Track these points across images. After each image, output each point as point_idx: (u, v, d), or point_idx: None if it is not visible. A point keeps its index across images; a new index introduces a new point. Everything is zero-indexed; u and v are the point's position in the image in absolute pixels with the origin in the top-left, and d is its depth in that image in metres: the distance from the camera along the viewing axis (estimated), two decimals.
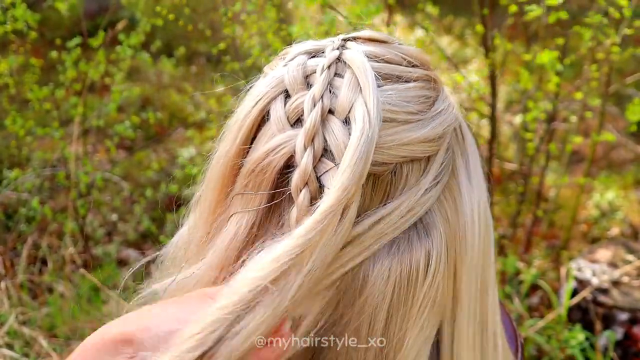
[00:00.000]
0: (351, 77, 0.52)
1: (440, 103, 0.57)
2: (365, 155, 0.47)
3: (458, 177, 0.58)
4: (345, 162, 0.47)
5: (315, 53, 0.57)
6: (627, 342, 2.15)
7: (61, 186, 2.70)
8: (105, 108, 2.55)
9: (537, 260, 2.67)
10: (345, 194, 0.46)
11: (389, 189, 0.53)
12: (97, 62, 2.43)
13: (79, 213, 2.55)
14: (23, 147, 2.98)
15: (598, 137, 2.26)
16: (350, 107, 0.51)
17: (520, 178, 2.62)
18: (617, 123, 3.75)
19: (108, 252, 2.74)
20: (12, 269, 2.38)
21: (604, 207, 3.18)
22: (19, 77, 2.38)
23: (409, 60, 0.57)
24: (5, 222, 2.70)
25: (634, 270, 2.31)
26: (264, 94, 0.55)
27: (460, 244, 0.56)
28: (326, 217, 0.45)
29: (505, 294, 2.34)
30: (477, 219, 0.58)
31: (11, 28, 2.12)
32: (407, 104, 0.54)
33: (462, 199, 0.57)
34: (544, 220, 2.95)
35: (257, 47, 1.79)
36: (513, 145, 3.51)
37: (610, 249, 2.45)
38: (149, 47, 2.75)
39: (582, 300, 2.23)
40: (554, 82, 2.03)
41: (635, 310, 2.16)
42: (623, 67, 3.67)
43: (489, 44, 2.17)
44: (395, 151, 0.52)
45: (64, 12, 2.29)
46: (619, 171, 3.65)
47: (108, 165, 3.36)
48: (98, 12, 4.51)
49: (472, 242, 0.57)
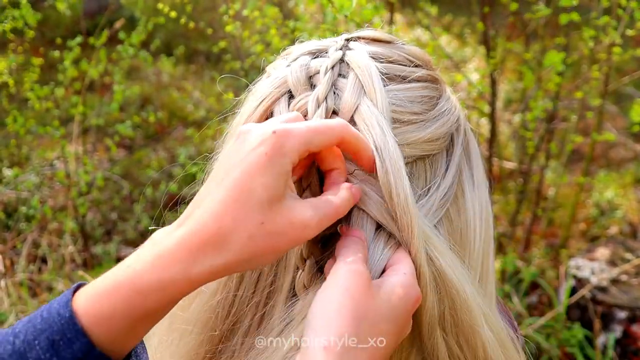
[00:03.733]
0: (355, 78, 0.53)
1: (444, 103, 0.58)
2: (394, 151, 0.49)
3: (461, 176, 0.58)
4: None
5: (318, 53, 0.57)
6: (626, 340, 2.16)
7: (61, 185, 2.70)
8: (106, 107, 2.55)
9: (537, 259, 2.68)
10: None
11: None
12: (97, 61, 2.43)
13: (78, 212, 2.55)
14: (23, 146, 2.98)
15: (598, 136, 2.26)
16: (354, 108, 0.51)
17: (520, 177, 2.63)
18: (616, 122, 3.75)
19: (107, 251, 2.74)
20: (12, 267, 2.38)
21: (603, 205, 3.18)
22: (19, 76, 2.38)
23: (413, 61, 0.57)
24: (5, 221, 2.70)
25: (633, 269, 2.31)
26: (267, 95, 0.55)
27: (461, 243, 0.57)
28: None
29: (505, 292, 2.34)
30: (478, 218, 0.58)
31: (10, 27, 2.11)
32: (411, 104, 0.54)
33: (465, 199, 0.57)
34: (543, 218, 2.95)
35: (258, 44, 1.79)
36: (512, 144, 3.51)
37: (609, 248, 2.46)
38: (148, 46, 2.75)
39: (581, 298, 2.23)
40: (555, 81, 2.04)
41: (634, 308, 2.16)
42: (622, 66, 3.68)
43: (489, 42, 2.17)
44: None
45: (64, 12, 2.29)
46: (618, 170, 3.65)
47: (108, 164, 3.36)
48: (98, 11, 4.50)
49: (472, 241, 0.58)
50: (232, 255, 0.43)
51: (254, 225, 0.43)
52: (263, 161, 0.44)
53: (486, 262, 0.61)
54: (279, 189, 0.44)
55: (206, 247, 0.43)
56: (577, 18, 1.73)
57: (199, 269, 0.43)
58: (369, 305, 0.44)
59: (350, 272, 0.45)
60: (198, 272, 0.43)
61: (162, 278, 0.43)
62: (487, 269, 0.61)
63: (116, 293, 0.43)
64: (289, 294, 0.53)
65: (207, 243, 0.43)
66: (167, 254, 0.43)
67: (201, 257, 0.43)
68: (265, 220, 0.44)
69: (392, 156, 0.48)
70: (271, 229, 0.44)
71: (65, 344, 0.42)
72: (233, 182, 0.44)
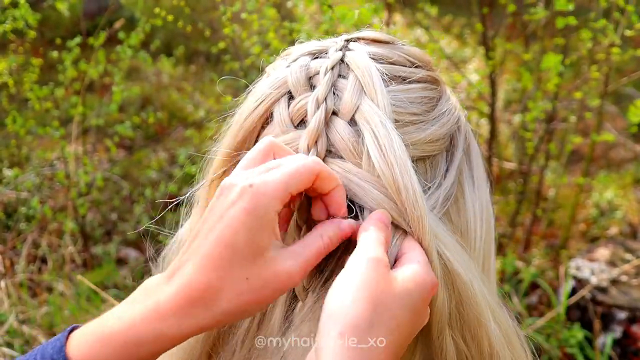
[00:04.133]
0: (355, 79, 0.53)
1: (444, 104, 0.58)
2: (399, 148, 0.49)
3: (461, 176, 0.58)
4: (378, 162, 0.49)
5: (318, 54, 0.57)
6: (626, 341, 2.16)
7: (61, 185, 2.70)
8: (106, 108, 2.55)
9: (536, 259, 2.67)
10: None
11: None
12: (96, 61, 2.43)
13: (78, 212, 2.55)
14: (23, 146, 2.98)
15: (597, 137, 2.26)
16: (355, 109, 0.51)
17: (520, 177, 2.63)
18: (616, 122, 3.75)
19: (107, 251, 2.74)
20: (12, 267, 2.38)
21: (603, 206, 3.18)
22: (18, 76, 2.38)
23: (413, 62, 0.57)
24: (5, 221, 2.70)
25: (633, 269, 2.31)
26: (267, 95, 0.55)
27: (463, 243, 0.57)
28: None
29: (505, 292, 2.34)
30: (479, 219, 0.58)
31: (11, 27, 2.11)
32: (411, 105, 0.54)
33: (465, 199, 0.57)
34: (543, 219, 2.95)
35: (257, 45, 1.79)
36: (512, 145, 3.51)
37: (609, 248, 2.46)
38: (148, 46, 2.75)
39: (581, 299, 2.23)
40: (554, 82, 2.04)
41: (634, 309, 2.16)
42: (622, 66, 3.68)
43: (489, 43, 2.17)
44: None
45: (63, 12, 2.29)
46: (618, 170, 3.65)
47: (108, 165, 3.36)
48: (98, 12, 4.50)
49: (473, 241, 0.58)
50: (220, 311, 0.45)
51: (239, 281, 0.45)
52: (242, 216, 0.45)
53: (487, 263, 0.61)
54: (262, 242, 0.45)
55: (196, 302, 0.45)
56: (574, 22, 1.73)
57: (189, 322, 0.45)
58: (386, 292, 0.44)
59: (369, 260, 0.45)
60: (189, 325, 0.45)
61: (156, 330, 0.45)
62: (488, 270, 0.61)
63: (111, 342, 0.45)
64: (289, 295, 0.53)
65: (197, 299, 0.45)
66: (162, 307, 0.45)
67: (192, 312, 0.45)
68: (250, 276, 0.45)
69: (398, 152, 0.48)
70: (256, 285, 0.45)
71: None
72: (217, 238, 0.45)
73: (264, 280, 0.45)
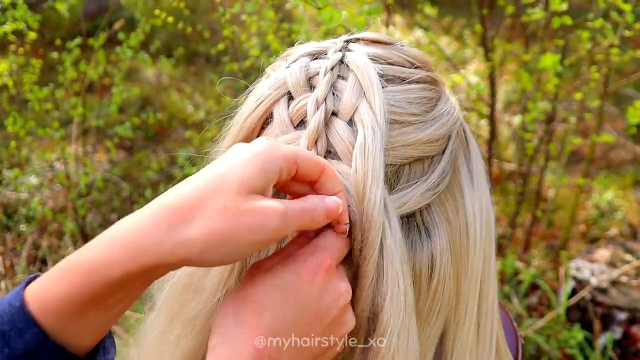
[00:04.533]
0: (354, 80, 0.53)
1: (443, 105, 0.58)
2: (379, 157, 0.49)
3: (460, 178, 0.58)
4: (356, 163, 0.48)
5: (318, 55, 0.57)
6: (626, 342, 2.16)
7: (61, 186, 2.70)
8: (106, 108, 2.56)
9: (536, 260, 2.68)
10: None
11: (390, 189, 0.53)
12: (96, 62, 2.43)
13: (78, 213, 2.55)
14: (23, 148, 2.98)
15: (597, 138, 2.27)
16: (354, 110, 0.51)
17: (520, 178, 2.63)
18: (616, 123, 3.76)
19: None
20: (12, 268, 2.38)
21: (603, 207, 3.18)
22: (18, 77, 2.38)
23: (412, 62, 0.57)
24: (5, 222, 2.70)
25: (633, 270, 2.31)
26: (267, 96, 0.55)
27: (462, 245, 0.57)
28: None
29: (504, 293, 2.34)
30: (478, 220, 0.58)
31: (11, 29, 2.11)
32: (410, 105, 0.55)
33: (464, 200, 0.57)
34: (543, 220, 2.95)
35: (256, 47, 1.79)
36: (512, 146, 3.51)
37: (609, 249, 2.46)
38: (148, 47, 2.75)
39: (581, 300, 2.23)
40: (553, 83, 2.04)
41: (634, 309, 2.16)
42: (622, 67, 3.68)
43: (488, 44, 2.17)
44: (398, 152, 0.52)
45: (63, 13, 2.30)
46: (618, 171, 3.65)
47: (108, 166, 3.37)
48: (98, 12, 4.51)
49: (473, 242, 0.58)
50: (185, 237, 0.41)
51: (215, 209, 0.41)
52: (249, 157, 0.44)
53: (487, 264, 0.60)
54: (256, 184, 0.43)
55: (160, 222, 0.41)
56: (570, 22, 1.74)
57: (147, 243, 0.41)
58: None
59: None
60: (144, 249, 0.41)
61: (111, 253, 0.41)
62: (488, 270, 0.61)
63: (62, 276, 0.42)
64: None
65: (163, 218, 0.41)
66: (121, 229, 0.42)
67: (153, 232, 0.41)
68: (228, 204, 0.42)
69: (376, 161, 0.48)
70: (231, 214, 0.41)
71: (16, 334, 0.40)
72: (212, 172, 0.44)
73: (241, 211, 0.42)
